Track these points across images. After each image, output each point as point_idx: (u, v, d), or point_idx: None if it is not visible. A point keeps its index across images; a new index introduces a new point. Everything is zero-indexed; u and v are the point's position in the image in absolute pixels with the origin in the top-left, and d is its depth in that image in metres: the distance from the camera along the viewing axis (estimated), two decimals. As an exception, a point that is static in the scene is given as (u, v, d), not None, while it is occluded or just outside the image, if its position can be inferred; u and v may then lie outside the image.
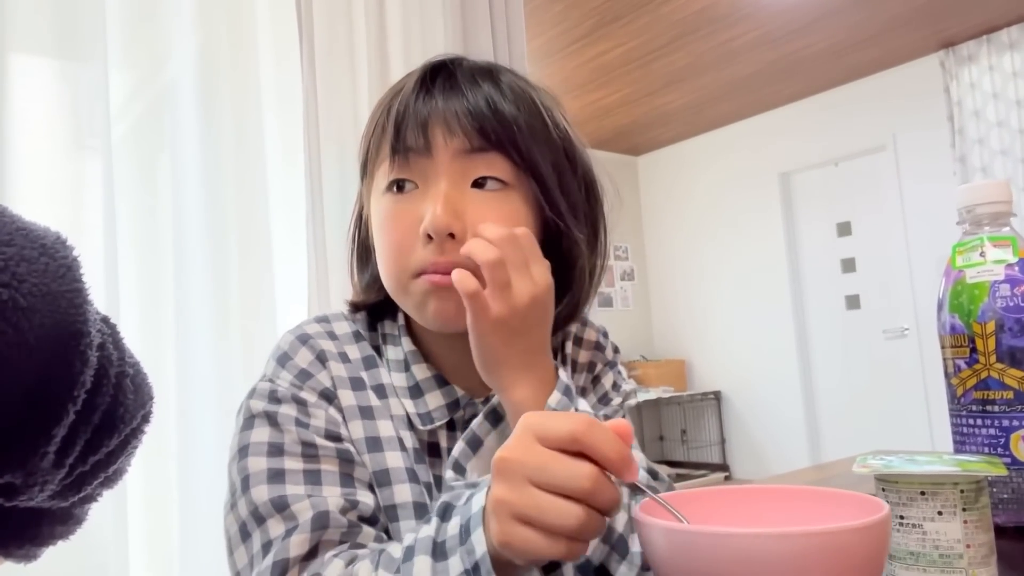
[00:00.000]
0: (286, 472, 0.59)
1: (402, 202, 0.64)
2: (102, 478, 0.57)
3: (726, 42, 4.15)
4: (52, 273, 0.49)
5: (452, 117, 0.63)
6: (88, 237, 1.39)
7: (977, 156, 4.32)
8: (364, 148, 0.70)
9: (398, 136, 0.63)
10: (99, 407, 0.52)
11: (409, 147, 0.63)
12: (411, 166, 0.63)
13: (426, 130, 0.63)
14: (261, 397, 0.63)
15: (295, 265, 1.69)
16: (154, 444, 1.48)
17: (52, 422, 0.49)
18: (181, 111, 1.60)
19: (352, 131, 1.72)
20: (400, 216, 0.63)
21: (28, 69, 1.39)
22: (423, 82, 0.65)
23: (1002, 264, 0.63)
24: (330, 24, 1.73)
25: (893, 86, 4.74)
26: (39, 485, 0.50)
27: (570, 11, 3.64)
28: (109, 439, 0.54)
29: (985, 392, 0.62)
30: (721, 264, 5.73)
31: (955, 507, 0.50)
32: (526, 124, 0.64)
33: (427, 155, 0.63)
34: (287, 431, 0.61)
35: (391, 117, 0.64)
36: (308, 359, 0.65)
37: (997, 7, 3.98)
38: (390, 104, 0.66)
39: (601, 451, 0.43)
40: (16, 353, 0.46)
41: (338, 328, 0.70)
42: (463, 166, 0.63)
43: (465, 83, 0.65)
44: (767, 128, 5.42)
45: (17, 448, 0.48)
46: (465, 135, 0.62)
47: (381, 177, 0.65)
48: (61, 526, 0.58)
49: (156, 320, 1.53)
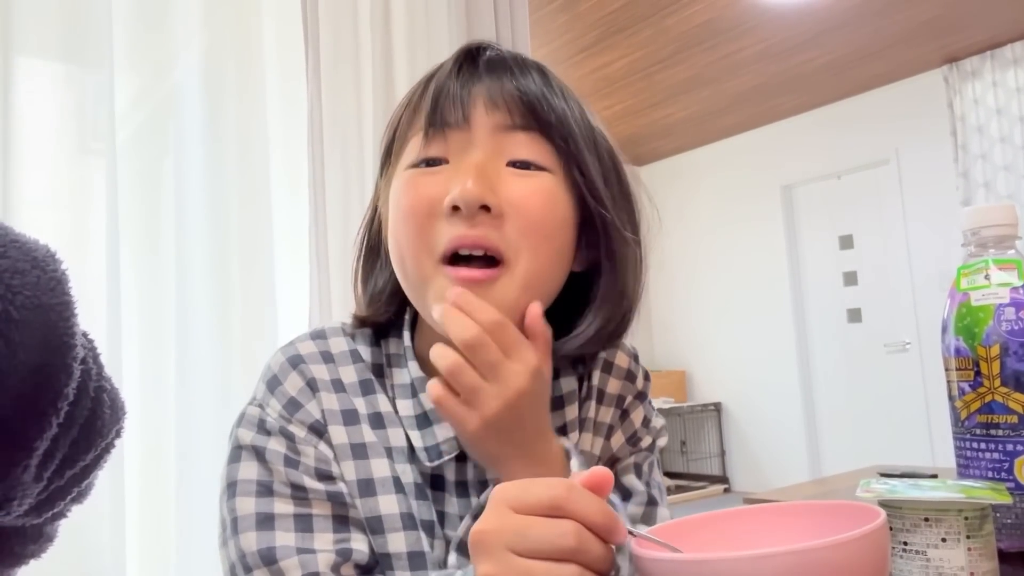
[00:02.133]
0: (275, 517, 0.55)
1: (428, 175, 0.57)
2: (75, 493, 0.57)
3: (730, 55, 4.15)
4: (43, 286, 0.49)
5: (497, 92, 0.58)
6: (91, 241, 1.39)
7: (980, 171, 4.32)
8: (389, 134, 0.64)
9: (435, 110, 0.57)
10: (78, 421, 0.52)
11: (446, 120, 0.57)
12: (446, 141, 0.58)
13: (465, 103, 0.57)
14: (250, 426, 0.59)
15: (297, 271, 1.69)
16: (152, 451, 1.48)
17: (35, 435, 0.49)
18: (186, 116, 1.61)
19: (356, 138, 1.72)
20: (423, 187, 0.57)
21: (34, 72, 1.40)
22: (467, 57, 0.61)
23: (1007, 287, 0.63)
24: (335, 32, 1.73)
25: (896, 100, 4.75)
26: (17, 500, 0.50)
27: (575, 22, 3.65)
28: (86, 453, 0.54)
29: (989, 416, 0.62)
30: (723, 276, 5.73)
31: (959, 534, 0.50)
32: (573, 117, 0.60)
33: (464, 129, 0.57)
34: (275, 471, 0.57)
35: (428, 92, 0.59)
36: (298, 386, 0.60)
37: (1001, 23, 3.99)
38: (427, 82, 0.61)
39: (585, 516, 0.40)
40: (6, 366, 0.46)
41: (335, 346, 0.64)
42: (501, 142, 0.58)
43: (513, 63, 0.60)
44: (770, 141, 5.43)
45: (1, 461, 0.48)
46: (508, 110, 0.58)
47: (407, 156, 0.60)
48: (33, 544, 0.58)
49: (157, 324, 1.53)
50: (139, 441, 1.46)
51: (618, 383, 0.69)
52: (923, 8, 3.72)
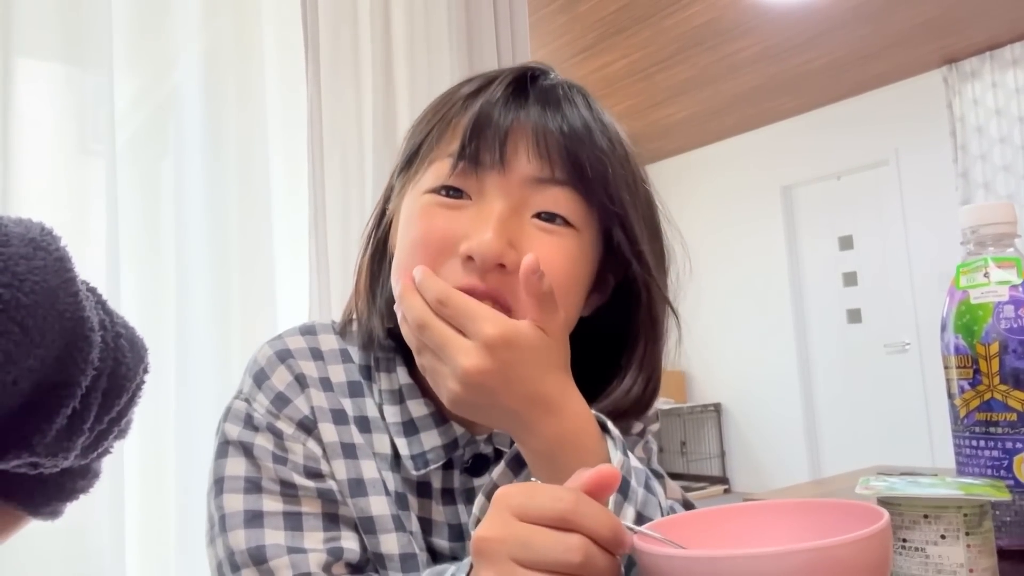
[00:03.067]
0: (264, 515, 0.54)
1: (448, 208, 0.55)
2: (116, 431, 0.58)
3: (729, 55, 4.16)
4: (49, 268, 0.50)
5: (541, 138, 0.55)
6: (91, 241, 1.39)
7: (979, 172, 4.32)
8: (416, 140, 0.60)
9: (472, 140, 0.54)
10: (104, 372, 0.53)
11: (481, 160, 0.54)
12: (476, 178, 0.55)
13: (505, 146, 0.54)
14: (236, 420, 0.58)
15: (296, 273, 1.70)
16: (152, 450, 1.48)
17: (64, 403, 0.50)
18: (186, 118, 1.61)
19: (355, 140, 1.73)
20: (440, 221, 0.54)
21: (34, 73, 1.40)
22: (518, 84, 0.57)
23: (1006, 285, 0.63)
24: (335, 34, 1.73)
25: (896, 101, 4.75)
26: (61, 454, 0.51)
27: (574, 23, 3.65)
28: (119, 398, 0.56)
29: (988, 414, 0.62)
30: (722, 276, 5.73)
31: (958, 531, 0.50)
32: (617, 166, 0.57)
33: (497, 171, 0.55)
34: (264, 466, 0.56)
35: (468, 112, 0.56)
36: (286, 380, 0.59)
37: (1000, 24, 3.99)
38: (469, 97, 0.57)
39: (592, 530, 0.39)
40: (24, 351, 0.47)
41: (324, 343, 0.62)
42: (533, 193, 0.55)
43: (563, 97, 0.58)
44: (770, 141, 5.43)
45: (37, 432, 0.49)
46: (550, 162, 0.55)
47: (430, 176, 0.56)
48: (82, 480, 0.60)
49: (157, 325, 1.53)
50: (139, 443, 1.46)
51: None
52: (922, 9, 3.73)
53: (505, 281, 0.53)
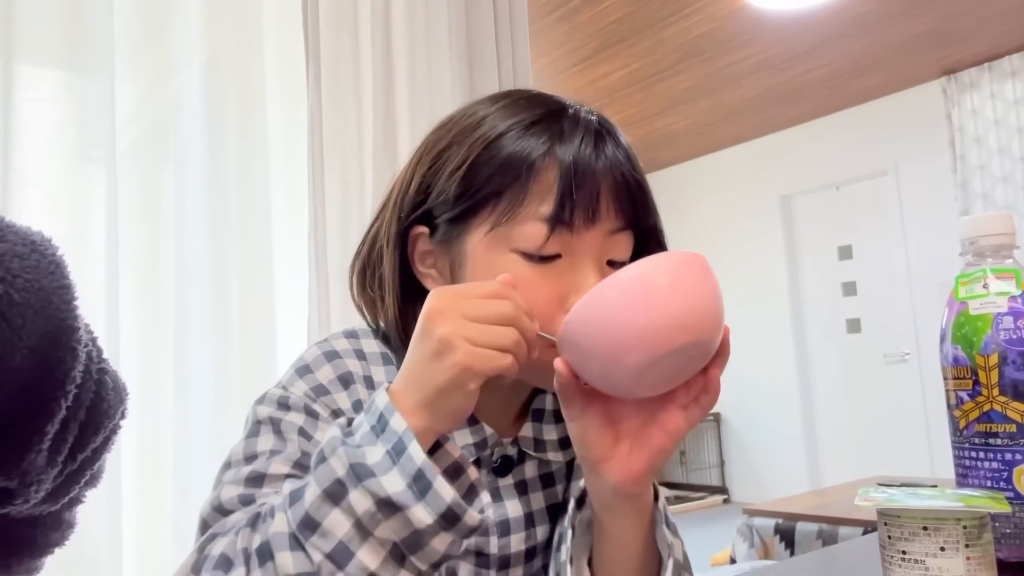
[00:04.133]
0: (267, 477, 0.55)
1: (547, 270, 0.57)
2: (88, 476, 0.57)
3: (729, 66, 4.17)
4: (44, 269, 0.49)
5: (617, 190, 0.58)
6: (91, 249, 1.39)
7: (978, 182, 4.33)
8: (473, 185, 0.59)
9: (568, 203, 0.56)
10: (84, 403, 0.52)
11: (575, 223, 0.56)
12: (570, 238, 0.57)
13: (598, 205, 0.57)
14: (270, 403, 0.60)
15: (296, 280, 1.69)
16: (149, 459, 1.48)
17: (45, 419, 0.49)
18: (186, 125, 1.61)
19: (356, 149, 1.73)
20: (544, 285, 0.57)
21: (35, 80, 1.40)
22: (597, 137, 0.59)
23: (1005, 296, 0.63)
24: (336, 42, 1.74)
25: (895, 112, 4.77)
26: (34, 485, 0.50)
27: (574, 33, 3.66)
28: (95, 436, 0.54)
29: (988, 425, 0.62)
30: (722, 286, 5.70)
31: (958, 543, 0.50)
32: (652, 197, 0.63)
33: (586, 232, 0.57)
34: (290, 440, 0.57)
35: (557, 173, 0.57)
36: (329, 377, 0.61)
37: (999, 35, 4.01)
38: (548, 148, 0.58)
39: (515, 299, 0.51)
40: (10, 350, 0.46)
41: (367, 346, 0.65)
42: (610, 242, 0.59)
43: (608, 137, 0.60)
44: (769, 151, 5.44)
45: (12, 447, 0.48)
46: (624, 215, 0.59)
47: (519, 236, 0.57)
48: (55, 532, 0.58)
49: (156, 333, 1.53)
50: (136, 450, 1.46)
51: None
52: (921, 20, 3.74)
53: None
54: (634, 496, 0.56)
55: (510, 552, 0.63)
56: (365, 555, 0.45)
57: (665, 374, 0.51)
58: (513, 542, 0.63)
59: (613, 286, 0.49)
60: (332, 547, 0.45)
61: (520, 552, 0.64)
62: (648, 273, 0.50)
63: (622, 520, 0.57)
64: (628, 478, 0.54)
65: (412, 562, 0.47)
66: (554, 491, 0.67)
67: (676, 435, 0.54)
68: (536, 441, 0.66)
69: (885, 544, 0.53)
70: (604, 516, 0.57)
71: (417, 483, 0.46)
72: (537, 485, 0.66)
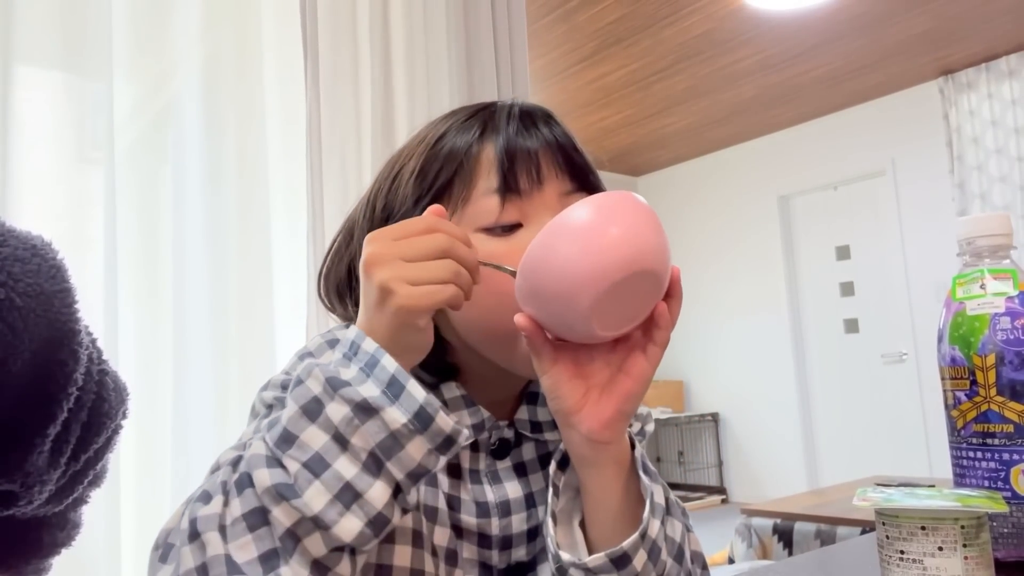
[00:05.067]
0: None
1: (511, 242, 0.60)
2: (91, 476, 0.57)
3: (727, 66, 4.18)
4: (45, 273, 0.50)
5: (556, 156, 0.63)
6: (89, 250, 1.39)
7: (976, 182, 4.34)
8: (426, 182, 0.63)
9: (511, 170, 0.60)
10: (86, 404, 0.52)
11: (520, 184, 0.61)
12: (520, 205, 0.61)
13: (539, 166, 0.62)
14: (274, 388, 0.60)
15: (295, 280, 1.70)
16: (148, 459, 1.48)
17: (47, 421, 0.49)
18: (185, 126, 1.61)
19: (354, 149, 1.73)
20: (513, 256, 0.59)
21: (33, 81, 1.40)
22: (520, 119, 0.64)
23: (1002, 297, 0.63)
24: (335, 43, 1.74)
25: (892, 112, 4.78)
26: (38, 486, 0.50)
27: (573, 33, 3.67)
28: (97, 436, 0.55)
29: (985, 425, 0.62)
30: (720, 286, 5.74)
31: (956, 543, 0.50)
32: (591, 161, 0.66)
33: (537, 192, 0.61)
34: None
35: (493, 149, 0.62)
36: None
37: (996, 35, 4.02)
38: (478, 137, 0.63)
39: (449, 230, 0.52)
40: (11, 353, 0.46)
41: None
42: (564, 206, 0.61)
43: (553, 124, 0.65)
44: (767, 151, 5.45)
45: (15, 450, 0.48)
46: (569, 176, 0.63)
47: (473, 215, 0.61)
48: (60, 532, 0.58)
49: (155, 333, 1.53)
50: (135, 451, 1.46)
51: None
52: (919, 20, 3.75)
53: None
54: (607, 443, 0.57)
55: (512, 532, 0.65)
56: (342, 464, 0.46)
57: (621, 312, 0.53)
58: (515, 522, 0.65)
59: (553, 230, 0.51)
60: (309, 457, 0.46)
61: (522, 532, 0.65)
62: (584, 211, 0.51)
63: (601, 472, 0.58)
64: (598, 424, 0.56)
65: (389, 470, 0.47)
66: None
67: (641, 378, 0.56)
68: (532, 423, 0.67)
69: (883, 544, 0.53)
70: (583, 472, 0.59)
71: (391, 388, 0.48)
72: (536, 466, 0.68)
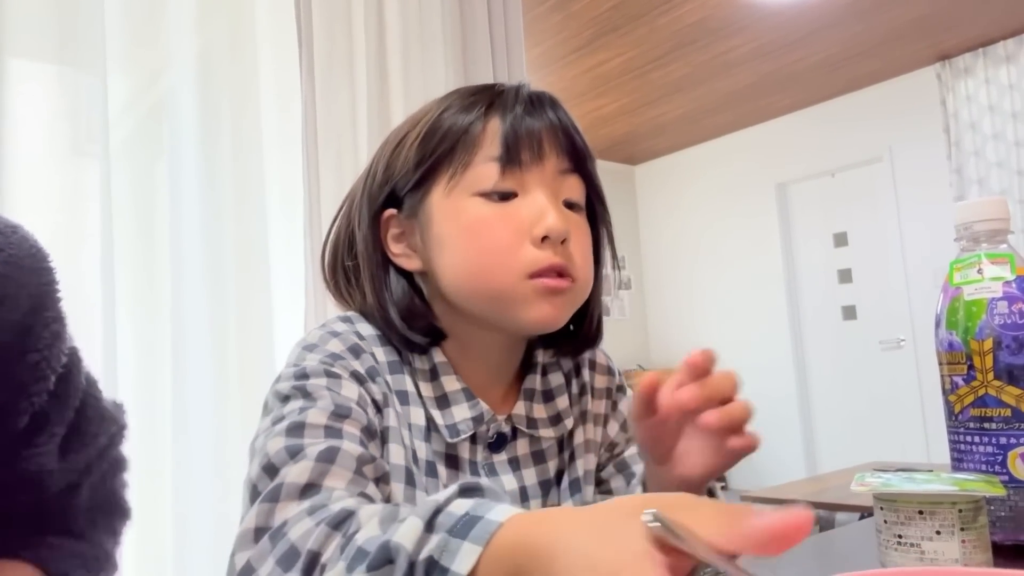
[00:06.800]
0: (306, 426, 0.55)
1: (507, 206, 0.64)
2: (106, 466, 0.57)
3: (723, 54, 4.16)
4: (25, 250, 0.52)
5: (558, 136, 0.66)
6: (85, 243, 1.38)
7: (973, 168, 4.34)
8: (433, 153, 0.66)
9: (514, 142, 0.64)
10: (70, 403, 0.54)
11: (522, 157, 0.64)
12: (520, 176, 0.64)
13: (542, 142, 0.65)
14: (287, 379, 0.60)
15: (292, 272, 1.69)
16: (148, 456, 1.48)
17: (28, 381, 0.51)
18: (180, 119, 1.61)
19: (350, 140, 1.72)
20: (507, 220, 0.64)
21: (27, 74, 1.39)
22: (527, 99, 0.67)
23: (1000, 281, 0.63)
24: (329, 33, 1.73)
25: (889, 98, 4.76)
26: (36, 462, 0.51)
27: (569, 21, 3.65)
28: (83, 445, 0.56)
29: (983, 409, 0.62)
30: (718, 274, 5.74)
31: (953, 527, 0.50)
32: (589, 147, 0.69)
33: (536, 166, 0.65)
34: (320, 397, 0.58)
35: (501, 122, 0.65)
36: (339, 348, 0.63)
37: (993, 20, 4.01)
38: (483, 113, 0.66)
39: None
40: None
41: (363, 329, 0.68)
42: (560, 183, 0.66)
43: (559, 108, 0.68)
44: (764, 139, 5.44)
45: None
46: (568, 156, 0.66)
47: (473, 181, 0.64)
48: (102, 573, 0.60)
49: (152, 327, 1.53)
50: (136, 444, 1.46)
51: (604, 378, 0.78)
52: (915, 5, 3.74)
53: (566, 253, 0.64)
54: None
55: None
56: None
57: None
58: None
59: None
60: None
61: None
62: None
63: None
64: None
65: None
66: (545, 467, 0.71)
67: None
68: (528, 419, 0.70)
69: (881, 528, 0.53)
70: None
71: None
72: (529, 462, 0.70)
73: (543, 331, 0.66)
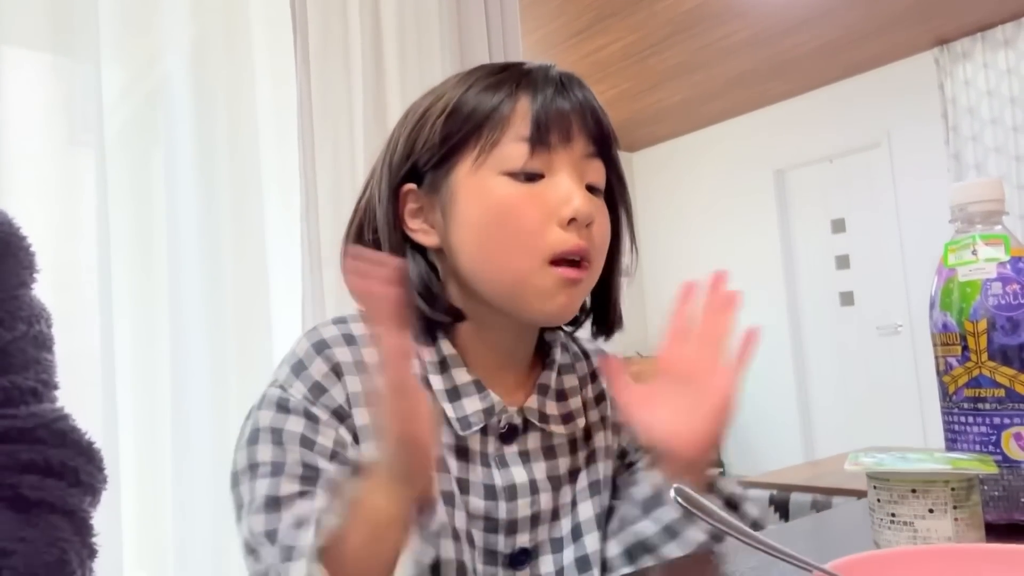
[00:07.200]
0: (282, 500, 0.57)
1: (534, 188, 0.64)
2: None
3: (721, 39, 4.15)
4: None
5: (586, 119, 0.66)
6: (81, 233, 1.38)
7: (971, 153, 4.33)
8: (459, 131, 0.65)
9: (544, 123, 0.63)
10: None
11: (551, 138, 0.64)
12: (548, 157, 0.64)
13: (571, 125, 0.65)
14: (269, 407, 0.61)
15: (289, 261, 1.69)
16: (148, 448, 1.48)
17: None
18: (175, 108, 1.60)
19: (347, 128, 1.72)
20: (534, 200, 0.63)
21: (21, 63, 1.39)
22: (557, 80, 0.67)
23: (994, 262, 0.63)
24: (325, 19, 1.72)
25: (887, 83, 4.75)
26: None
27: (567, 6, 3.63)
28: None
29: (977, 390, 0.63)
30: (716, 260, 5.74)
31: (946, 505, 0.50)
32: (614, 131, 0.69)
33: (564, 148, 0.65)
34: (289, 450, 0.59)
35: (531, 103, 0.64)
36: (323, 371, 0.62)
37: (991, 4, 3.99)
38: (512, 91, 0.65)
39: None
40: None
41: (356, 329, 0.66)
42: (585, 167, 0.66)
43: (586, 88, 0.68)
44: (762, 125, 5.42)
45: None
46: (594, 140, 0.66)
47: (500, 160, 0.64)
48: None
49: (150, 317, 1.53)
50: (133, 436, 1.46)
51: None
52: (913, -10, 3.72)
53: (588, 236, 0.65)
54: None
55: (517, 516, 0.66)
56: None
57: None
58: (520, 507, 0.66)
59: None
60: None
61: (526, 517, 0.67)
62: None
63: None
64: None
65: None
66: (555, 463, 0.70)
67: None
68: (540, 413, 0.69)
69: (874, 507, 0.54)
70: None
71: None
72: (539, 456, 0.69)
73: (554, 323, 0.66)
